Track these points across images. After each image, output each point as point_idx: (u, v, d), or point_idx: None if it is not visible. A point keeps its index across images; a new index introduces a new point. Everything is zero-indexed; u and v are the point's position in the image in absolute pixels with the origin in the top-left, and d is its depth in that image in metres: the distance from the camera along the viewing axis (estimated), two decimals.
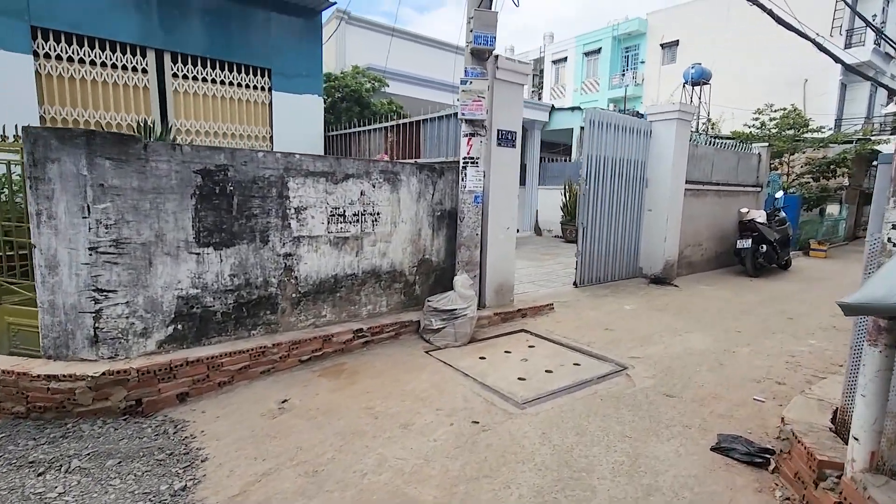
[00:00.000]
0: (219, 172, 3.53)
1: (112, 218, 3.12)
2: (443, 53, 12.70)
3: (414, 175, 4.82)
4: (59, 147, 2.96)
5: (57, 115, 5.91)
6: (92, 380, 3.02)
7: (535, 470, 2.58)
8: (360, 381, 3.69)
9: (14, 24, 5.51)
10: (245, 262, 3.75)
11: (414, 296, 5.00)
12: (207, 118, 7.03)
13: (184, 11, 6.59)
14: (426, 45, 12.93)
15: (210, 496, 2.39)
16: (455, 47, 10.49)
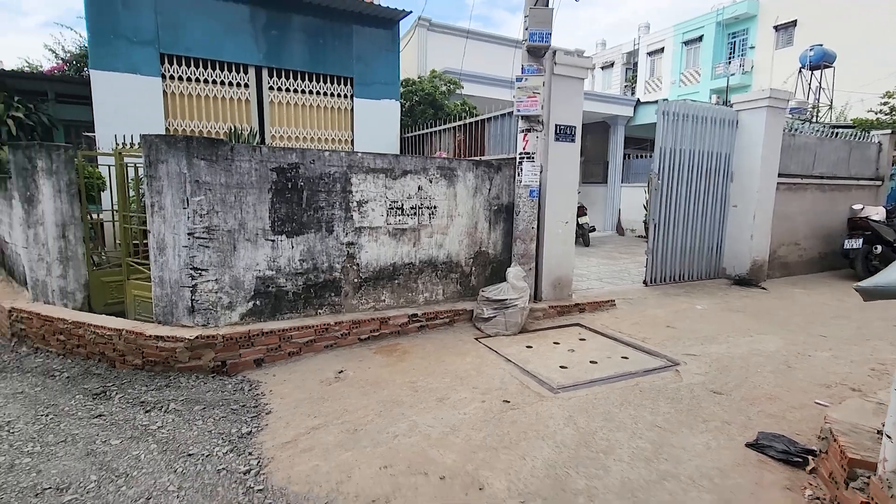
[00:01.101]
0: (291, 170, 4.05)
1: (205, 208, 3.75)
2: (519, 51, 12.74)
3: (470, 171, 5.05)
4: (167, 150, 3.64)
5: (178, 127, 7.00)
6: (189, 342, 3.66)
7: (554, 446, 2.69)
8: (408, 360, 4.01)
9: (147, 53, 6.64)
10: (313, 248, 4.24)
11: (470, 286, 5.23)
12: (297, 125, 7.84)
13: (279, 31, 7.43)
14: (502, 44, 13.06)
15: (267, 441, 2.83)
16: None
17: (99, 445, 2.78)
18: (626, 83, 33.54)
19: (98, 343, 3.88)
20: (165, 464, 2.60)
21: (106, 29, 6.35)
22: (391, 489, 2.36)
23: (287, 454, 2.69)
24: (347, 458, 2.62)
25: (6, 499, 2.30)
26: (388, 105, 8.48)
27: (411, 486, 2.38)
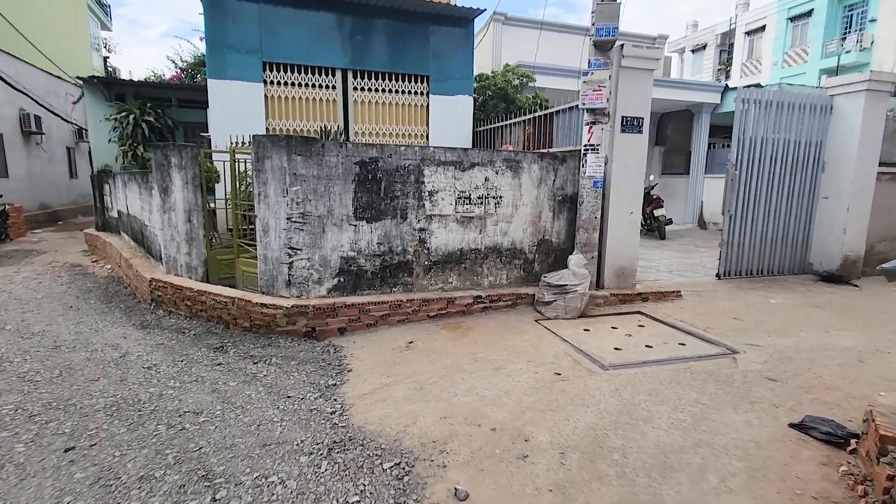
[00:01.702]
0: (371, 163, 4.59)
1: (300, 197, 4.39)
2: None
3: (535, 163, 5.31)
4: (271, 148, 4.31)
5: (277, 127, 7.91)
6: (286, 310, 4.34)
7: (597, 412, 2.96)
8: (471, 336, 4.41)
9: (252, 61, 7.58)
10: (389, 233, 4.77)
11: (533, 272, 5.51)
12: (378, 122, 8.49)
13: (363, 36, 8.09)
14: (575, 33, 12.90)
15: (349, 391, 3.38)
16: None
17: (221, 385, 3.49)
18: (720, 66, 31.22)
19: (216, 308, 4.70)
20: (270, 402, 3.23)
21: (220, 43, 7.35)
22: (449, 434, 2.78)
23: (364, 402, 3.21)
24: (413, 409, 3.09)
25: (161, 415, 3.03)
26: (461, 101, 8.88)
27: (466, 433, 2.78)
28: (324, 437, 2.80)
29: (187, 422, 2.97)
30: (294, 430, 2.87)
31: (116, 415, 3.05)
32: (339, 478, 2.42)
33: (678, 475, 2.36)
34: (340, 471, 2.48)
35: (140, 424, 2.93)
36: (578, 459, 2.50)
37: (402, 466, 2.50)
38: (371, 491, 2.31)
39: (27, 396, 3.29)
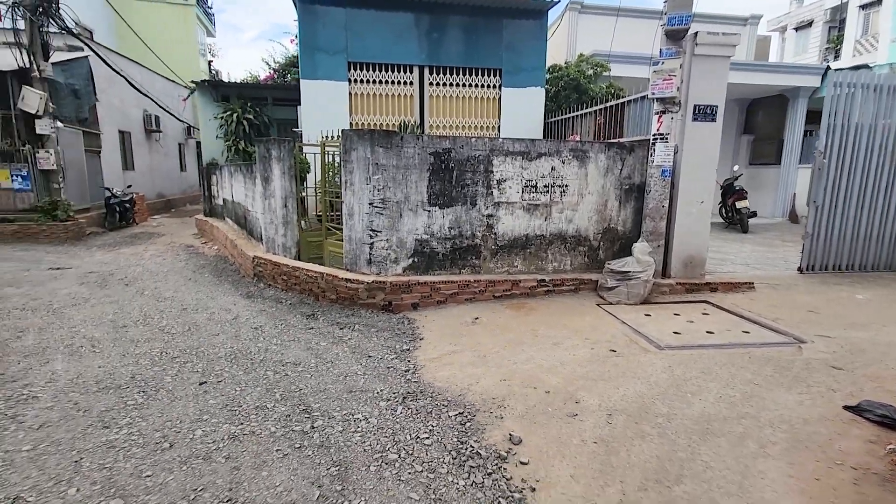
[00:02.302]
0: (444, 154, 5.00)
1: (381, 185, 4.91)
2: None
3: (602, 152, 5.45)
4: (357, 141, 4.86)
5: (359, 122, 8.59)
6: (367, 285, 4.90)
7: (646, 384, 3.17)
8: (533, 315, 4.71)
9: (339, 62, 8.29)
10: (459, 219, 5.17)
11: (597, 259, 5.66)
12: (452, 115, 8.91)
13: (439, 33, 8.52)
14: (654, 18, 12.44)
15: (420, 355, 3.84)
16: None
17: (313, 345, 4.09)
18: (828, 45, 28.20)
19: (308, 282, 5.39)
20: (354, 359, 3.77)
21: (312, 46, 8.12)
22: (507, 393, 3.13)
23: (433, 365, 3.65)
24: (476, 372, 3.47)
25: (268, 364, 3.67)
26: (533, 92, 9.04)
27: (522, 394, 3.13)
28: (399, 388, 3.27)
29: (289, 370, 3.58)
30: (374, 382, 3.37)
31: (235, 361, 3.73)
32: (411, 419, 2.87)
33: (718, 440, 2.54)
34: (413, 414, 2.93)
35: (253, 370, 3.58)
36: (624, 421, 2.75)
37: (465, 415, 2.90)
38: (438, 431, 2.74)
39: (167, 344, 4.09)
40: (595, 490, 2.20)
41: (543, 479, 2.29)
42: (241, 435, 2.71)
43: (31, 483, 2.26)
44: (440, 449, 2.57)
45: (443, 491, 2.24)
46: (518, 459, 2.45)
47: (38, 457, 2.47)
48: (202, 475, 2.35)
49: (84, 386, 3.27)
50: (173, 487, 2.26)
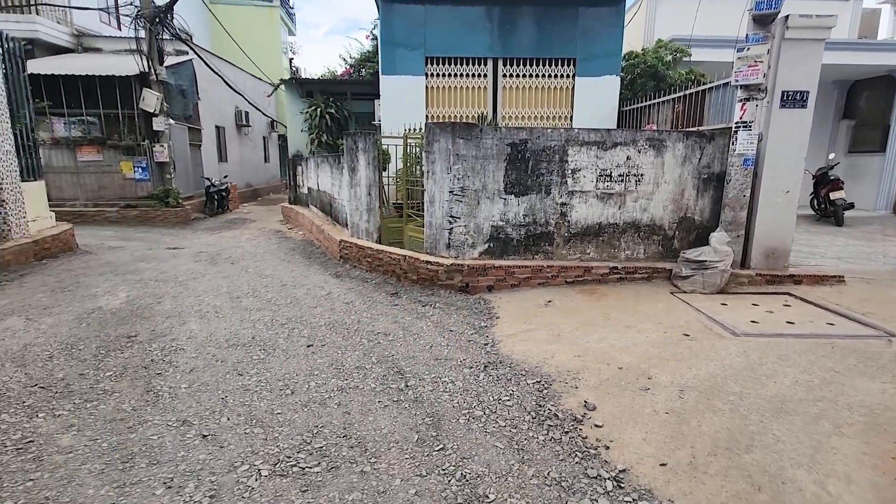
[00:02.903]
0: (521, 144, 5.24)
1: (460, 174, 5.25)
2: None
3: (680, 141, 5.43)
4: (439, 133, 5.22)
5: (434, 114, 8.98)
6: (446, 267, 5.28)
7: (719, 365, 3.28)
8: (605, 300, 4.87)
9: (417, 57, 8.70)
10: (533, 207, 5.40)
11: (672, 248, 5.67)
12: (524, 105, 9.06)
13: (512, 25, 8.67)
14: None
15: (497, 332, 4.15)
16: None
17: (399, 319, 4.53)
18: None
19: (391, 264, 5.86)
20: (437, 332, 4.16)
21: (392, 42, 8.59)
22: (581, 367, 3.37)
23: (510, 340, 3.95)
24: (551, 348, 3.73)
25: (361, 333, 4.15)
26: (607, 81, 8.97)
27: (595, 368, 3.35)
28: (479, 358, 3.61)
29: (380, 339, 4.03)
30: (457, 352, 3.74)
31: (333, 329, 4.25)
32: (493, 384, 3.20)
33: (791, 418, 2.64)
34: (494, 380, 3.25)
35: (349, 337, 4.08)
36: (695, 396, 2.91)
37: (542, 383, 3.18)
38: (518, 395, 3.04)
39: (275, 314, 4.70)
40: (666, 452, 2.41)
41: (617, 440, 2.54)
42: (347, 388, 3.17)
43: (192, 412, 2.84)
44: (520, 410, 2.88)
45: (524, 443, 2.55)
46: (593, 422, 2.70)
47: (194, 393, 3.06)
48: (320, 416, 2.82)
49: (217, 342, 3.90)
50: (299, 423, 2.74)
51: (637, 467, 2.31)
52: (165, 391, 3.07)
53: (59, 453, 2.40)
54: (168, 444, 2.51)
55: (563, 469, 2.33)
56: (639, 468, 2.31)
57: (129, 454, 2.42)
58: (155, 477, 2.25)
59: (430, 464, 2.38)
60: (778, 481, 2.16)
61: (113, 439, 2.54)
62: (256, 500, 2.12)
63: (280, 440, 2.57)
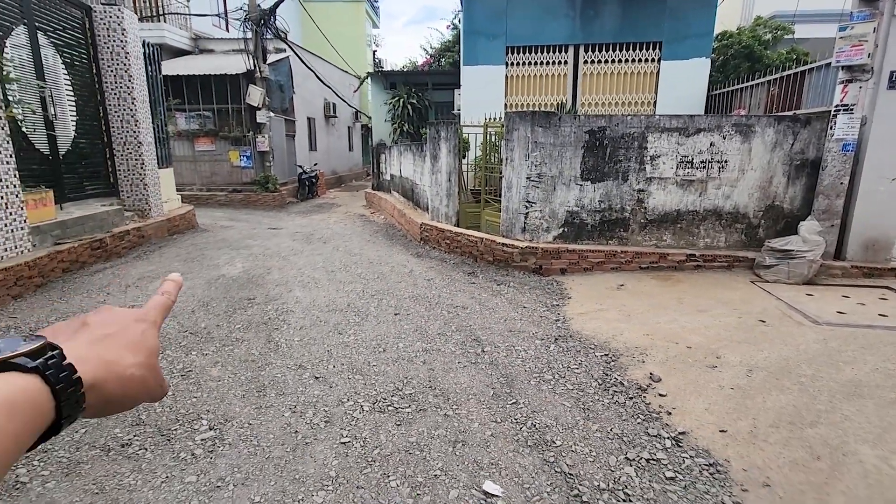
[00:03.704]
0: (599, 132, 5.35)
1: (538, 161, 5.47)
2: None
3: (770, 126, 5.24)
4: (519, 121, 5.48)
5: (513, 103, 9.17)
6: (521, 249, 5.56)
7: (794, 350, 3.30)
8: (679, 286, 4.90)
9: (498, 47, 8.92)
10: (609, 193, 5.50)
11: (756, 238, 5.51)
12: (605, 92, 8.97)
13: (595, 10, 8.60)
14: None
15: (568, 310, 4.39)
16: None
17: (475, 295, 4.90)
18: None
19: (468, 246, 6.24)
20: (511, 308, 4.48)
21: (474, 32, 8.88)
22: (649, 345, 3.54)
23: (580, 318, 4.18)
24: (620, 327, 3.92)
25: (441, 306, 4.57)
26: (696, 64, 8.62)
27: (663, 346, 3.50)
28: (551, 332, 3.89)
29: (458, 311, 4.43)
30: (529, 326, 4.04)
31: (417, 301, 4.71)
32: (562, 354, 3.47)
33: (864, 401, 2.66)
34: (563, 351, 3.52)
35: (431, 308, 4.51)
36: (764, 376, 2.99)
37: (610, 356, 3.40)
38: (586, 365, 3.30)
39: (365, 286, 5.26)
40: (727, 421, 2.57)
41: (679, 408, 2.73)
42: (431, 350, 3.60)
43: (305, 359, 3.41)
44: (587, 377, 3.14)
45: (590, 404, 2.82)
46: (657, 392, 2.90)
47: (304, 345, 3.65)
48: (408, 370, 3.27)
49: (319, 307, 4.51)
50: (391, 374, 3.21)
51: (697, 431, 2.50)
52: (283, 342, 3.69)
53: (211, 381, 3.05)
54: (289, 381, 3.08)
55: (625, 427, 2.57)
56: (698, 432, 2.50)
57: (262, 386, 3.01)
58: (283, 404, 2.81)
59: (504, 413, 2.73)
60: (839, 453, 2.26)
61: (248, 374, 3.16)
62: (361, 427, 2.59)
63: (377, 385, 3.05)
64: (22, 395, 0.32)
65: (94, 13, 6.37)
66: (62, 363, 0.36)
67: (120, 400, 0.41)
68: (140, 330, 0.45)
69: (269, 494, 2.11)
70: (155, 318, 0.48)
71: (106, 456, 2.34)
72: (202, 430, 2.55)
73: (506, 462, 2.32)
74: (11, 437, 0.31)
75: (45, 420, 0.34)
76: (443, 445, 2.45)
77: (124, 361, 0.41)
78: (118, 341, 0.42)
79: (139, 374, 0.42)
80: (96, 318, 0.44)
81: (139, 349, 0.43)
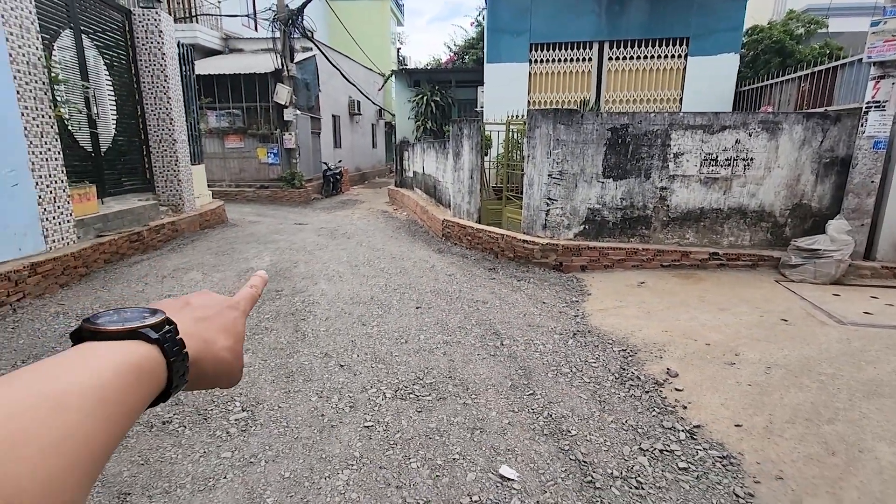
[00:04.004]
0: (622, 129, 5.35)
1: (559, 158, 5.51)
2: None
3: (798, 123, 5.16)
4: (541, 119, 5.52)
5: (536, 100, 9.19)
6: (541, 246, 5.61)
7: (815, 349, 3.28)
8: (701, 284, 4.88)
9: (521, 44, 8.94)
10: (631, 190, 5.50)
11: (783, 236, 5.43)
12: (629, 89, 8.90)
13: (621, 6, 8.53)
14: None
15: (588, 306, 4.44)
16: None
17: (495, 290, 4.98)
18: None
19: (489, 242, 6.32)
20: (531, 303, 4.55)
21: (498, 29, 8.91)
22: (667, 341, 3.57)
23: (600, 314, 4.22)
24: (639, 323, 3.95)
25: (462, 300, 4.67)
26: (724, 59, 8.48)
27: (682, 343, 3.53)
28: (569, 327, 3.95)
29: (479, 306, 4.52)
30: (548, 321, 4.10)
31: (438, 296, 4.82)
32: (580, 349, 3.53)
33: (884, 400, 2.65)
34: (581, 346, 3.58)
35: (452, 303, 4.62)
36: (783, 374, 3.00)
37: (627, 351, 3.45)
38: (603, 359, 3.35)
39: (388, 280, 5.40)
40: (743, 416, 2.60)
41: (695, 403, 2.76)
42: (451, 342, 3.71)
43: (331, 348, 3.56)
44: (604, 371, 3.19)
45: (606, 397, 2.88)
46: (673, 387, 2.94)
47: (330, 335, 3.80)
48: (429, 361, 3.38)
49: (343, 300, 4.67)
50: (413, 364, 3.33)
51: (712, 425, 2.54)
52: (309, 332, 3.85)
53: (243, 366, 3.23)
54: (316, 369, 3.23)
55: (640, 419, 2.63)
56: (713, 426, 2.54)
57: (290, 372, 3.17)
58: (310, 389, 2.96)
59: (522, 403, 2.82)
60: (855, 450, 2.27)
61: (277, 361, 3.32)
62: (384, 413, 2.72)
63: (399, 374, 3.17)
64: (147, 363, 0.35)
65: (134, 16, 6.67)
66: (176, 337, 0.38)
67: (209, 378, 0.44)
68: (233, 317, 0.47)
69: (297, 471, 2.25)
70: (244, 308, 0.51)
71: (149, 431, 2.53)
72: (236, 411, 2.72)
73: (522, 449, 2.41)
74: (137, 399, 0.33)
75: (158, 388, 0.36)
76: (461, 432, 2.55)
77: (219, 343, 0.44)
78: (215, 323, 0.45)
79: (229, 357, 0.45)
80: (197, 299, 0.48)
81: (231, 334, 0.46)
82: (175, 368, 0.37)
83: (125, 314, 0.38)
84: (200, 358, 0.41)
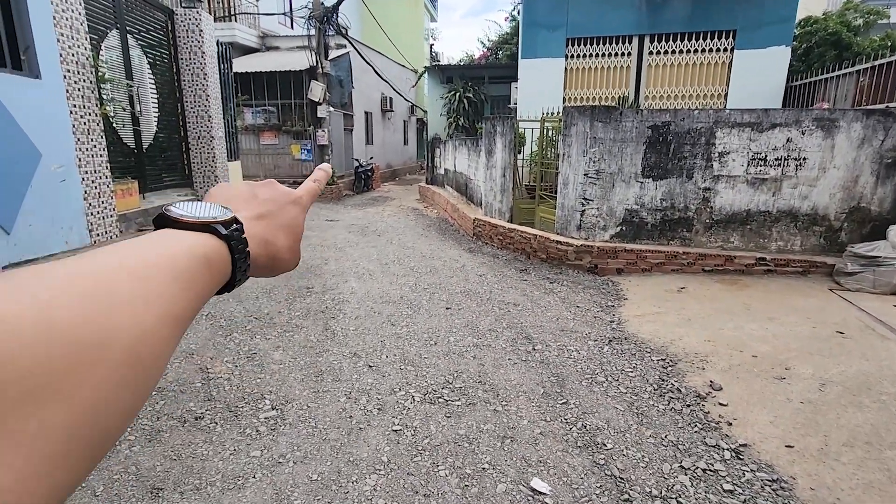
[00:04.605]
0: (663, 127, 5.13)
1: (596, 157, 5.33)
2: None
3: (857, 121, 4.82)
4: (577, 116, 5.35)
5: (572, 96, 8.96)
6: (576, 248, 5.45)
7: (875, 366, 3.04)
8: (747, 291, 4.63)
9: (557, 38, 8.72)
10: (672, 191, 5.27)
11: (837, 241, 5.10)
12: (670, 84, 8.57)
13: None
14: None
15: (624, 312, 4.27)
16: None
17: (527, 293, 4.87)
18: None
19: (521, 242, 6.20)
20: (564, 307, 4.41)
21: (534, 24, 8.73)
22: (710, 352, 3.39)
23: (637, 320, 4.06)
24: (680, 332, 3.77)
25: (493, 302, 4.58)
26: (774, 53, 8.05)
27: (727, 354, 3.34)
28: (604, 333, 3.80)
29: (510, 308, 4.42)
30: (582, 326, 3.97)
31: (468, 297, 4.75)
32: (617, 357, 3.39)
33: None
34: (618, 354, 3.44)
35: (482, 304, 4.53)
36: (839, 391, 2.79)
37: (667, 361, 3.29)
38: (641, 369, 3.21)
39: (418, 279, 5.36)
40: (794, 437, 2.42)
41: (742, 419, 2.60)
42: (481, 345, 3.63)
43: (360, 348, 3.54)
44: (642, 381, 3.05)
45: (644, 409, 2.75)
46: (717, 401, 2.78)
47: (359, 335, 3.78)
48: (459, 364, 3.31)
49: (373, 298, 4.66)
50: (442, 367, 3.27)
51: (760, 444, 2.38)
52: (339, 331, 3.85)
53: (273, 364, 3.25)
54: (345, 369, 3.21)
55: (681, 435, 2.49)
56: (762, 446, 2.37)
57: (319, 371, 3.17)
58: (338, 389, 2.95)
59: (554, 413, 2.72)
60: None
61: (307, 360, 3.32)
62: (412, 416, 2.67)
63: (428, 377, 3.12)
64: (215, 256, 0.36)
65: (176, 16, 6.85)
66: (241, 236, 0.40)
67: (265, 272, 0.46)
68: (294, 214, 0.48)
69: (325, 473, 2.23)
70: (306, 204, 0.51)
71: (182, 426, 2.56)
72: (265, 409, 2.72)
73: (554, 461, 2.32)
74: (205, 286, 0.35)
75: (223, 280, 0.38)
76: (491, 440, 2.48)
77: (278, 243, 0.45)
78: (277, 221, 0.46)
79: (286, 256, 0.46)
80: (264, 192, 0.48)
81: (290, 232, 0.47)
82: (238, 265, 0.39)
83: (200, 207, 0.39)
84: (258, 256, 0.43)
